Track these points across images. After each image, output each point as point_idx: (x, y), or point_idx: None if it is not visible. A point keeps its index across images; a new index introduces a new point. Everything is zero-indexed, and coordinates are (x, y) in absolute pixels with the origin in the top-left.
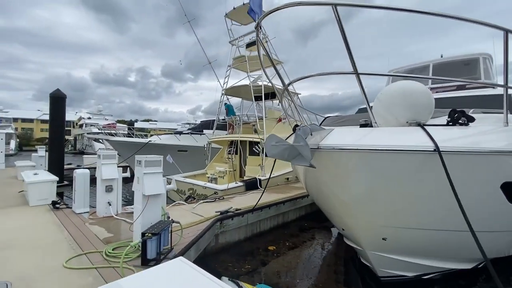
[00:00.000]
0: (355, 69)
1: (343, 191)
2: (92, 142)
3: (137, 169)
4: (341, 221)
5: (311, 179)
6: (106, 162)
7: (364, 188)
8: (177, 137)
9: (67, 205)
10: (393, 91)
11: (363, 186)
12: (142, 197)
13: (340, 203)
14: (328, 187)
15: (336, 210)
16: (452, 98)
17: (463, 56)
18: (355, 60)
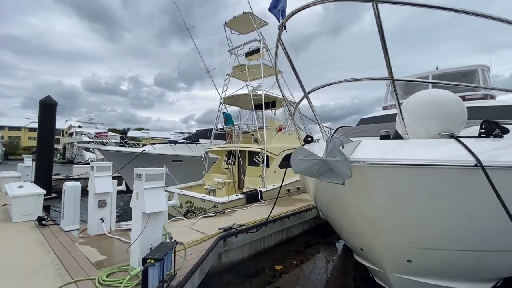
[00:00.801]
0: (391, 75)
1: (370, 209)
2: (82, 151)
3: (137, 184)
4: (361, 241)
5: (325, 194)
6: (100, 175)
7: (395, 206)
8: (172, 147)
9: (54, 221)
10: (422, 100)
11: (394, 204)
12: (141, 215)
13: (365, 222)
14: (351, 204)
15: (358, 228)
16: None
17: (462, 68)
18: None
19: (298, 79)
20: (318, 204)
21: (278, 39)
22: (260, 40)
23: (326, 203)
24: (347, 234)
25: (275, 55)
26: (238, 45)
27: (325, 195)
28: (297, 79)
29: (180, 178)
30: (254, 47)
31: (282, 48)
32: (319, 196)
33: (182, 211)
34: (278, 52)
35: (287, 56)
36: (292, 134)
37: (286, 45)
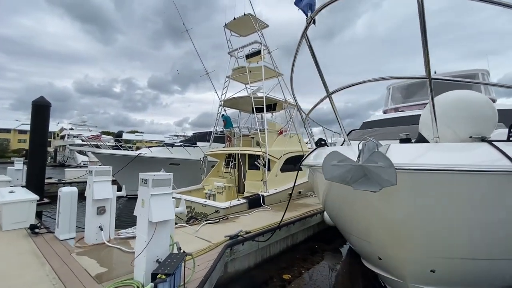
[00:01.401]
0: (429, 74)
1: (397, 217)
2: (74, 154)
3: (142, 190)
4: (380, 250)
5: (339, 199)
6: (99, 179)
7: (424, 214)
8: (169, 150)
9: (48, 228)
10: (450, 101)
11: (424, 211)
12: (148, 224)
13: (388, 230)
14: (373, 211)
15: (378, 237)
16: None
17: (462, 72)
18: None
19: (321, 78)
20: (328, 209)
21: (304, 34)
22: (261, 42)
23: (339, 209)
24: (362, 242)
25: (296, 50)
26: (239, 47)
27: (339, 200)
28: (321, 78)
29: (177, 182)
30: (255, 49)
31: (307, 43)
32: (331, 201)
33: (183, 217)
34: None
35: (311, 53)
36: (293, 137)
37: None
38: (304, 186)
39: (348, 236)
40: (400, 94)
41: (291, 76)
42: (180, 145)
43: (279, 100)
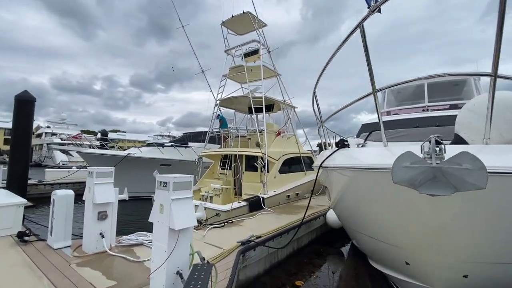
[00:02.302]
0: (495, 72)
1: (437, 221)
2: (52, 154)
3: (161, 194)
4: (411, 255)
5: (363, 203)
6: (101, 181)
7: (468, 218)
8: (160, 150)
9: (37, 236)
10: (499, 102)
11: (468, 215)
12: (168, 232)
13: (426, 235)
14: (411, 216)
15: (409, 242)
16: (447, 116)
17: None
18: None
19: (370, 73)
20: (340, 210)
21: (361, 23)
22: (260, 41)
23: (359, 212)
24: (384, 246)
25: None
26: (236, 46)
27: (363, 203)
28: (370, 75)
29: None
30: (252, 48)
31: (361, 36)
32: (350, 203)
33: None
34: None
35: (364, 45)
36: (290, 138)
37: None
38: (302, 188)
39: (363, 239)
40: (394, 97)
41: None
42: (171, 145)
43: (277, 100)
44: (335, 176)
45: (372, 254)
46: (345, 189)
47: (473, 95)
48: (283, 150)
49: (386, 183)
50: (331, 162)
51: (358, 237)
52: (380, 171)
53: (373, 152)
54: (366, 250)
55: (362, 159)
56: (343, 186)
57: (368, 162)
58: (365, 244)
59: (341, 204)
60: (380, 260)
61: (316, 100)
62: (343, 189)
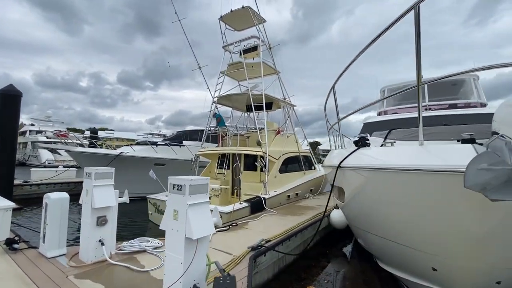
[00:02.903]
0: None
1: (482, 227)
2: (37, 152)
3: (176, 199)
4: (441, 260)
5: (384, 201)
6: (100, 183)
7: (510, 223)
8: (154, 149)
9: (28, 243)
10: None
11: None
12: (185, 242)
13: (463, 241)
14: (447, 221)
15: (441, 247)
16: (453, 116)
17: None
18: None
19: (418, 65)
20: (356, 211)
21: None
22: (260, 37)
23: (380, 214)
24: (408, 251)
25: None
26: (235, 41)
27: (385, 204)
28: (417, 65)
29: (164, 184)
30: (251, 45)
31: (415, 19)
32: (369, 204)
33: None
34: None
35: (417, 32)
36: (290, 137)
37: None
38: (301, 187)
39: (379, 242)
40: (394, 96)
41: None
42: (164, 144)
43: (277, 99)
44: (357, 177)
45: (385, 257)
46: (369, 190)
47: (472, 94)
48: (283, 149)
49: (428, 186)
50: (353, 162)
51: (372, 240)
52: (426, 172)
53: (408, 151)
54: (380, 252)
55: (395, 160)
56: (368, 187)
57: (404, 163)
58: (380, 247)
59: (360, 205)
60: (397, 264)
61: (335, 96)
62: (367, 191)
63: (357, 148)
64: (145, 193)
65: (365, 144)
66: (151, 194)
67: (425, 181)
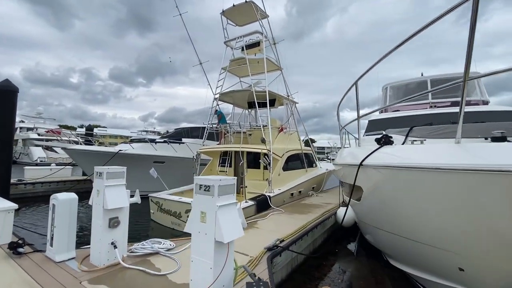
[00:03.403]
0: None
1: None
2: (28, 150)
3: (203, 200)
4: (470, 261)
5: (409, 201)
6: (112, 183)
7: None
8: (153, 146)
9: (32, 246)
10: None
11: None
12: (214, 245)
13: (495, 241)
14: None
15: (472, 247)
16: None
17: (458, 74)
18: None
19: (468, 59)
20: (372, 209)
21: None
22: (263, 32)
23: (402, 213)
24: (431, 251)
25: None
26: (237, 37)
27: (411, 204)
28: (467, 59)
29: (165, 182)
30: (254, 40)
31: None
32: (387, 201)
33: (181, 223)
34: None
35: (473, 21)
36: (292, 134)
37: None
38: (304, 185)
39: (395, 241)
40: (394, 94)
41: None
42: (163, 141)
43: (280, 95)
44: (383, 175)
45: (404, 256)
46: (397, 189)
47: (474, 92)
48: (286, 147)
49: (467, 185)
50: (376, 160)
51: (389, 239)
52: (468, 172)
53: (444, 150)
54: (398, 252)
55: (432, 159)
56: (396, 186)
57: (442, 162)
58: (400, 246)
59: (381, 204)
60: (417, 263)
61: (357, 92)
62: (394, 189)
63: (380, 146)
64: (145, 191)
65: (388, 142)
66: (150, 192)
67: (465, 180)
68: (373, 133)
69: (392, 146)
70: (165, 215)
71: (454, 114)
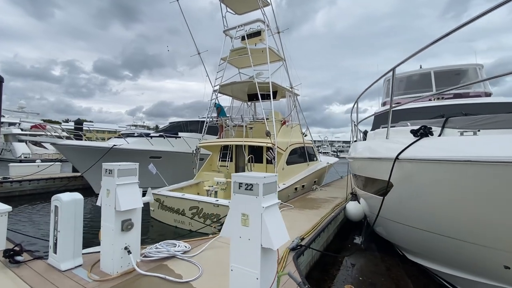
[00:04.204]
0: None
1: None
2: (11, 146)
3: (245, 200)
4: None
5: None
6: (125, 182)
7: None
8: (149, 141)
9: (31, 252)
10: None
11: None
12: (261, 253)
13: None
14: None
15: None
16: (462, 105)
17: (461, 65)
18: None
19: None
20: (401, 205)
21: None
22: (264, 21)
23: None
24: (469, 247)
25: None
26: (237, 25)
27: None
28: None
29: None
30: (254, 29)
31: None
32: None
33: (185, 220)
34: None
35: None
36: (295, 127)
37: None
38: (307, 179)
39: (422, 237)
40: (399, 86)
41: None
42: (159, 136)
43: (283, 87)
44: (425, 169)
45: (433, 254)
46: (440, 184)
47: (480, 84)
48: (290, 140)
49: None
50: (419, 153)
51: (416, 236)
52: None
53: (504, 141)
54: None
55: (499, 151)
56: (440, 181)
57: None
58: (430, 244)
59: (415, 199)
60: (449, 261)
61: (392, 82)
62: (436, 185)
63: (418, 138)
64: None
65: (427, 134)
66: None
67: None
68: (384, 126)
69: (433, 138)
70: (166, 212)
71: (465, 106)
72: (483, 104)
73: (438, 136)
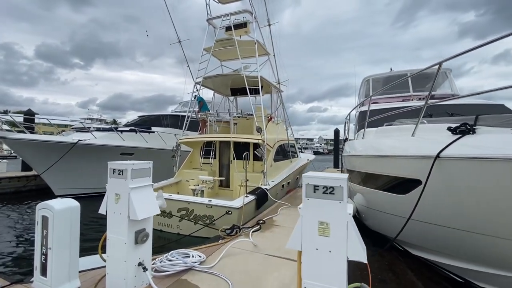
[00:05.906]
0: None
1: None
2: None
3: (323, 207)
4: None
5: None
6: (139, 184)
7: None
8: (120, 136)
9: (6, 275)
10: None
11: None
12: (345, 265)
13: None
14: None
15: None
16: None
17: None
18: None
19: None
20: (431, 203)
21: None
22: (252, 12)
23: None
24: (502, 243)
25: None
26: (223, 15)
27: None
28: None
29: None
30: (240, 21)
31: None
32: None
33: (172, 223)
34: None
35: None
36: (279, 123)
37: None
38: (291, 176)
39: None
40: (380, 86)
41: None
42: (130, 130)
43: (270, 82)
44: (471, 168)
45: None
46: (482, 182)
47: (443, 86)
48: (277, 137)
49: None
50: (457, 151)
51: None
52: None
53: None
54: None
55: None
56: (481, 179)
57: None
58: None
59: (448, 199)
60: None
61: (437, 73)
62: (476, 182)
63: (460, 136)
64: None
65: (469, 131)
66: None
67: None
68: (388, 124)
69: (477, 136)
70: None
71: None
72: (471, 105)
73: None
